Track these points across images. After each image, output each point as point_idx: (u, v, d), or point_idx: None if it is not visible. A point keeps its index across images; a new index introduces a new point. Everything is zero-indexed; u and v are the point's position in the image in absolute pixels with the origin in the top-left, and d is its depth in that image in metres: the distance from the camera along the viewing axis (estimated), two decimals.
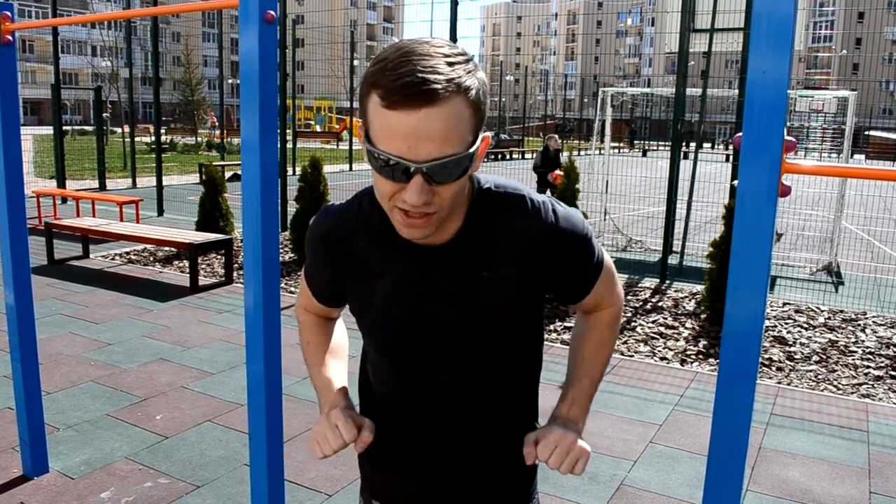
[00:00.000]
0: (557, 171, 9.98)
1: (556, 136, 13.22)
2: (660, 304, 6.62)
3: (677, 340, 5.55)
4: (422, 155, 0.94)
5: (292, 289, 6.80)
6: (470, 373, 1.19)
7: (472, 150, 0.99)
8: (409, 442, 1.26)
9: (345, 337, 1.42)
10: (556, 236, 1.13)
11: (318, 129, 44.51)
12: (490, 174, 1.21)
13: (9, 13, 2.81)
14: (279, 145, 8.93)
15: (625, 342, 5.48)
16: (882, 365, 5.08)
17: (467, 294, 1.13)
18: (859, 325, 6.11)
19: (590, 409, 1.25)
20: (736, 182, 1.30)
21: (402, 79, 0.92)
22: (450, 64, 0.95)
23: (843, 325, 6.07)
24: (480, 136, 1.01)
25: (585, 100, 63.09)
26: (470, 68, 0.98)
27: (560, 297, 1.26)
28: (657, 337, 5.63)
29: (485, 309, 1.14)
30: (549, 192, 12.36)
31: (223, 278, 7.13)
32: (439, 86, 0.92)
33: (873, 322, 6.21)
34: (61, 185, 12.14)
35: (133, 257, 8.05)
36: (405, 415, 1.24)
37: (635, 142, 44.59)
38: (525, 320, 1.20)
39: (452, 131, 0.94)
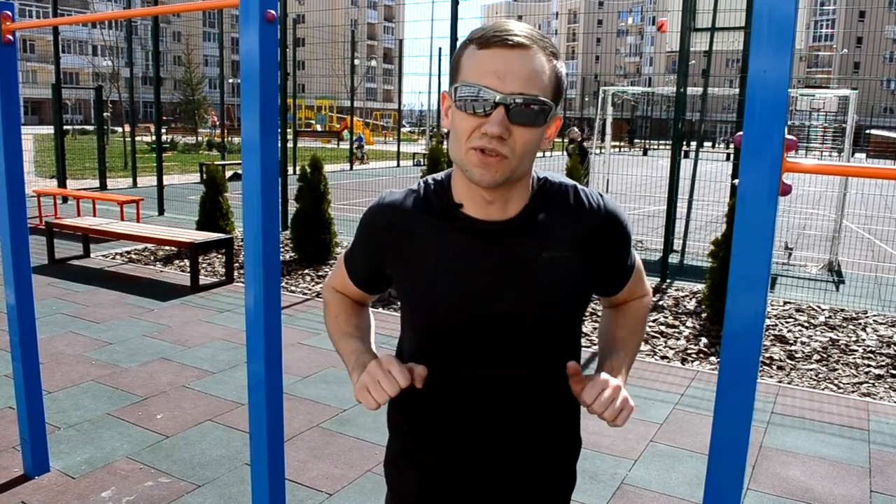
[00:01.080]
0: None
1: (575, 127, 13.10)
2: (660, 302, 6.62)
3: (678, 339, 5.55)
4: (508, 88, 1.03)
5: (293, 288, 6.80)
6: (520, 359, 1.19)
7: (549, 111, 1.08)
8: (451, 445, 1.25)
9: (372, 321, 1.40)
10: (607, 223, 1.21)
11: (318, 128, 44.52)
12: None
13: (9, 13, 2.81)
14: (280, 145, 8.92)
15: None
16: (883, 364, 5.08)
17: (524, 273, 1.15)
18: (860, 323, 6.10)
19: (628, 378, 1.26)
20: (737, 181, 1.30)
21: (499, 28, 1.06)
22: (541, 36, 1.08)
23: (844, 324, 6.07)
24: (554, 113, 1.10)
25: (586, 99, 63.06)
26: (555, 49, 1.10)
27: (601, 287, 1.29)
28: (658, 336, 5.62)
29: (540, 289, 1.16)
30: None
31: (224, 277, 7.13)
32: (530, 38, 1.05)
33: (874, 321, 6.20)
34: (62, 184, 12.15)
35: (134, 257, 8.05)
36: (448, 415, 1.23)
37: (635, 141, 44.52)
38: (577, 307, 1.22)
39: (536, 76, 1.05)
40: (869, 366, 5.04)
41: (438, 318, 1.18)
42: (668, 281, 7.49)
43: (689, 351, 5.29)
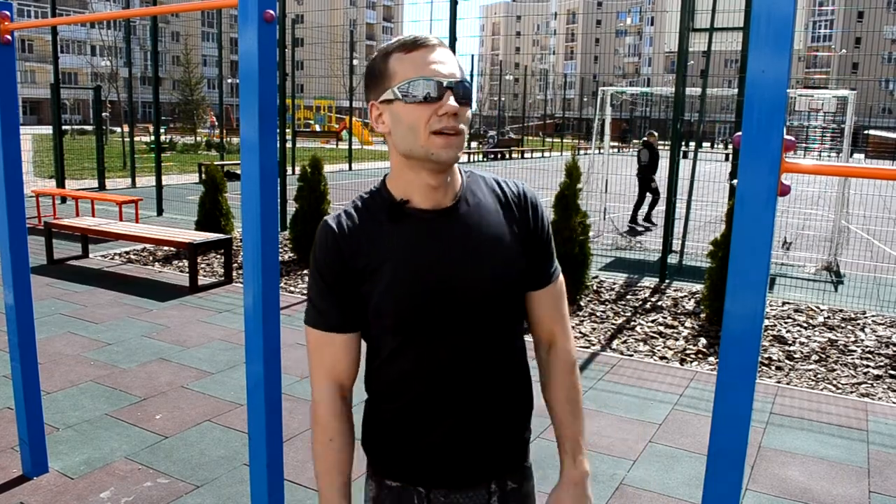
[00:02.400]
0: None
1: (655, 131, 12.88)
2: (659, 303, 6.62)
3: (677, 340, 5.56)
4: (448, 74, 1.22)
5: (291, 288, 6.80)
6: (479, 327, 1.31)
7: (471, 95, 1.28)
8: (434, 411, 1.34)
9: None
10: (525, 197, 1.38)
11: (317, 128, 44.51)
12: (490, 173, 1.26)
13: (8, 13, 2.81)
14: (279, 145, 8.92)
15: (624, 341, 5.49)
16: (881, 364, 5.09)
17: (472, 248, 1.29)
18: (859, 324, 6.11)
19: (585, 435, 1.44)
20: (735, 181, 1.30)
21: (413, 36, 1.25)
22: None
23: (843, 325, 6.07)
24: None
25: (585, 99, 63.10)
26: None
27: (531, 271, 1.38)
28: (657, 336, 5.63)
29: (487, 261, 1.30)
30: (651, 197, 12.12)
31: (222, 278, 7.13)
32: (439, 40, 1.26)
33: (873, 321, 6.21)
34: (60, 184, 12.14)
35: (132, 257, 8.04)
36: (434, 387, 1.33)
37: (625, 139, 44.56)
38: (519, 273, 1.34)
39: (458, 66, 1.25)
40: (868, 366, 5.04)
41: (406, 301, 1.27)
42: (667, 281, 7.49)
43: (687, 351, 5.30)
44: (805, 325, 6.04)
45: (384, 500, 1.43)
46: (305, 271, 7.47)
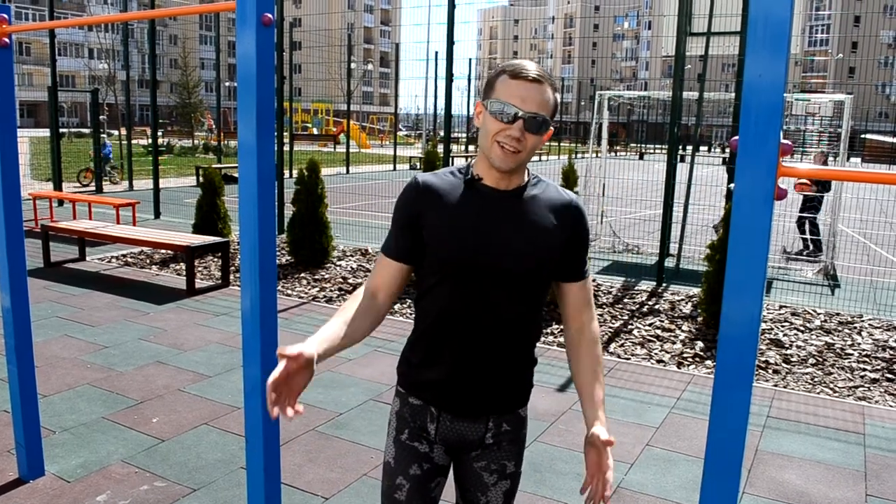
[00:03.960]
0: (804, 181, 9.33)
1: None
2: (656, 307, 6.63)
3: (674, 343, 5.56)
4: (526, 107, 1.52)
5: (289, 292, 6.79)
6: (501, 289, 1.60)
7: (548, 125, 1.57)
8: (452, 345, 1.64)
9: (364, 325, 1.65)
10: (576, 207, 1.68)
11: (315, 131, 44.49)
12: None
13: (5, 15, 2.81)
14: (276, 148, 8.92)
15: (621, 345, 5.49)
16: (878, 368, 5.09)
17: (519, 224, 1.61)
18: (855, 327, 6.12)
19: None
20: (732, 185, 1.30)
21: (524, 66, 1.56)
22: (550, 75, 1.59)
23: (840, 328, 6.08)
24: (549, 126, 1.59)
25: (582, 103, 63.17)
26: (557, 85, 1.61)
27: (563, 265, 1.67)
28: (654, 340, 5.63)
29: (527, 236, 1.61)
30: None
31: (220, 281, 7.12)
32: (544, 77, 1.56)
33: (869, 325, 6.22)
34: (58, 187, 12.13)
35: (129, 260, 8.03)
36: (455, 324, 1.62)
37: (616, 145, 44.63)
38: (550, 254, 1.63)
39: (544, 103, 1.54)
40: (864, 370, 5.05)
41: (458, 250, 1.59)
42: (664, 285, 7.50)
43: (685, 355, 5.30)
44: (802, 328, 6.04)
45: (405, 413, 1.73)
46: (303, 274, 7.47)
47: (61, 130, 17.20)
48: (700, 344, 5.52)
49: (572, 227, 1.66)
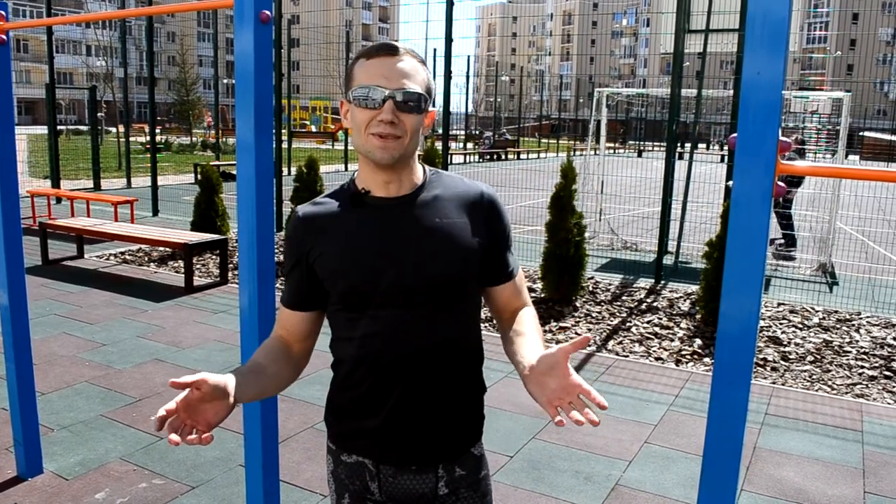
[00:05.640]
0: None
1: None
2: (654, 304, 6.63)
3: (672, 341, 5.56)
4: (393, 85, 1.32)
5: None
6: (420, 311, 1.38)
7: (425, 100, 1.36)
8: (380, 387, 1.42)
9: (277, 370, 1.50)
10: (489, 198, 1.46)
11: (313, 129, 44.44)
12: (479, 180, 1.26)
13: (3, 12, 2.80)
14: (274, 145, 8.92)
15: (620, 342, 5.49)
16: (876, 365, 5.10)
17: (424, 234, 1.39)
18: (853, 325, 6.13)
19: None
20: (731, 183, 1.30)
21: (379, 43, 1.36)
22: (411, 49, 1.37)
23: (838, 326, 6.09)
24: (429, 104, 1.38)
25: (581, 100, 63.19)
26: (423, 59, 1.40)
27: (487, 268, 1.46)
28: (652, 337, 5.63)
29: (437, 246, 1.39)
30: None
31: (218, 278, 7.12)
32: (403, 48, 1.36)
33: (867, 322, 6.23)
34: (56, 184, 12.10)
35: (128, 257, 8.02)
36: (377, 363, 1.41)
37: (625, 141, 44.64)
38: (468, 260, 1.41)
39: (413, 76, 1.34)
40: (862, 367, 5.05)
41: (356, 277, 1.38)
42: (663, 282, 7.50)
43: (683, 352, 5.30)
44: (800, 326, 6.05)
45: (340, 473, 1.51)
46: None
47: (59, 128, 17.17)
48: (698, 341, 5.52)
49: (488, 222, 1.44)
